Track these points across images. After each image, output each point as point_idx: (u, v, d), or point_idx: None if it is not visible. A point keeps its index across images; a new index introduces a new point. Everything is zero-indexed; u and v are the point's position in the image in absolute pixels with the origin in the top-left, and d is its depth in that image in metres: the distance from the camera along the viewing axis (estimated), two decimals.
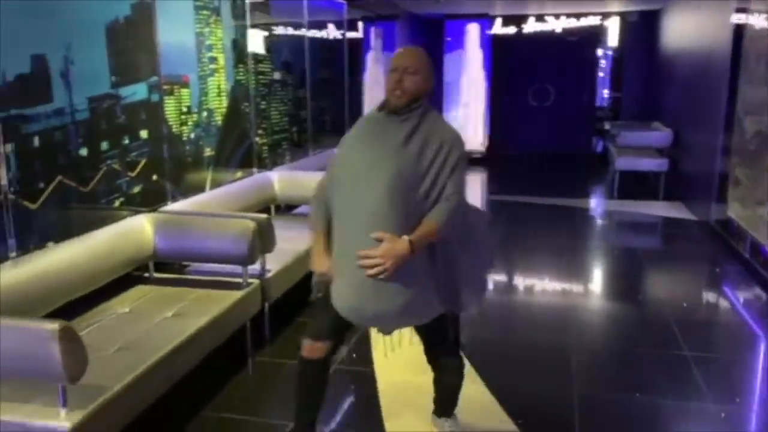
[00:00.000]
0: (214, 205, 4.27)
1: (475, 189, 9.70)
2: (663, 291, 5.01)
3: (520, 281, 5.22)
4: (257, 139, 5.19)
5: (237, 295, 3.40)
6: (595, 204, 8.30)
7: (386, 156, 2.19)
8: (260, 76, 5.19)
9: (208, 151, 4.42)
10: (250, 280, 3.56)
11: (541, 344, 3.81)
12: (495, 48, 11.17)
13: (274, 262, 3.82)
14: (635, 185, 8.60)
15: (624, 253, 6.00)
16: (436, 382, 2.67)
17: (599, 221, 7.47)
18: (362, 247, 2.15)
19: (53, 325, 2.12)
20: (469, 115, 11.22)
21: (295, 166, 5.79)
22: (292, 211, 5.39)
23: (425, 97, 2.29)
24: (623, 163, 8.28)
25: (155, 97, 3.79)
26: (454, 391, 2.67)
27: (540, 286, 5.11)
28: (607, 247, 6.31)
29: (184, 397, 3.03)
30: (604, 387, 3.30)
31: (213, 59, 4.45)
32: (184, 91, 4.11)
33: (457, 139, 2.27)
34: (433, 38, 11.13)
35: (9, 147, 2.77)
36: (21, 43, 2.82)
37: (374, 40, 10.77)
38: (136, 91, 3.63)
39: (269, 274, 3.72)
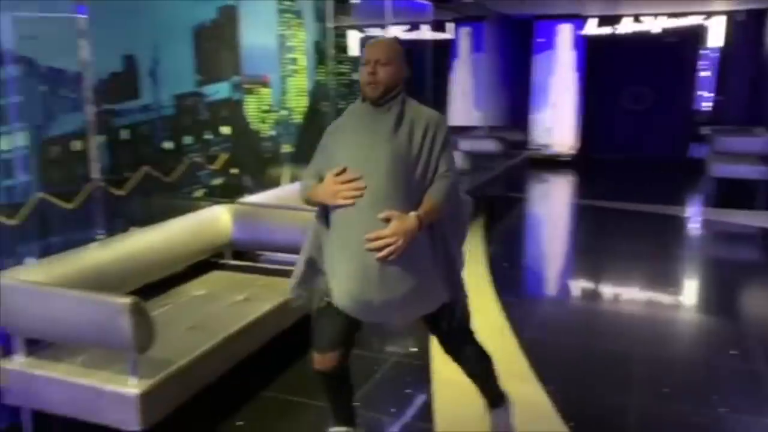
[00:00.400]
0: (290, 198, 4.46)
1: (563, 193, 9.51)
2: (753, 306, 4.74)
3: (604, 287, 5.09)
4: None
5: None
6: (690, 212, 7.92)
7: (380, 143, 2.22)
8: (340, 77, 5.37)
9: (286, 148, 4.63)
10: None
11: (610, 351, 3.73)
12: (588, 49, 10.87)
13: None
14: (733, 193, 8.13)
15: (716, 265, 5.71)
16: (467, 375, 2.62)
17: (693, 230, 7.13)
18: (369, 231, 2.15)
19: (125, 300, 2.34)
20: (557, 117, 11.00)
21: None
22: None
23: (401, 86, 2.31)
24: (720, 169, 7.85)
25: (237, 96, 4.03)
26: (487, 380, 2.62)
27: (623, 293, 4.96)
28: (698, 258, 6.02)
29: (247, 376, 3.21)
30: (667, 397, 3.20)
31: (294, 60, 4.66)
32: (265, 91, 4.33)
33: (441, 119, 2.32)
34: (522, 39, 10.99)
35: (101, 139, 3.06)
36: (113, 44, 3.11)
37: (462, 41, 10.80)
38: (219, 90, 3.88)
39: None
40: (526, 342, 3.73)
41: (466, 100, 10.89)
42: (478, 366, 2.57)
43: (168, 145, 3.50)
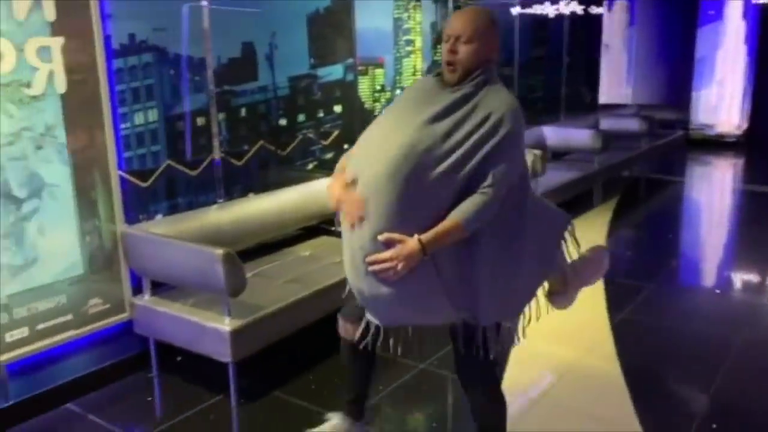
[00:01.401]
0: None
1: (724, 176, 8.80)
2: None
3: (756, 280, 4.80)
4: None
5: None
6: None
7: (406, 127, 1.85)
8: None
9: None
10: None
11: (714, 340, 3.58)
12: (762, 19, 9.84)
13: None
14: None
15: None
16: (471, 410, 2.19)
17: None
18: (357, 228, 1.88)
19: (219, 251, 2.76)
20: (722, 94, 10.12)
21: None
22: None
23: (487, 68, 1.91)
24: None
25: (350, 77, 4.37)
26: (488, 428, 2.17)
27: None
28: None
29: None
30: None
31: (410, 42, 4.90)
32: (379, 71, 4.62)
33: (510, 112, 1.84)
34: (685, 11, 10.21)
35: (221, 116, 3.54)
36: (233, 32, 3.56)
37: (617, 14, 10.28)
38: (333, 72, 4.23)
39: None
40: (618, 323, 3.70)
41: (617, 78, 10.40)
42: (484, 409, 2.15)
43: (282, 122, 3.92)
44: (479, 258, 1.88)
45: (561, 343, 3.44)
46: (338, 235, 4.10)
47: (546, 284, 2.18)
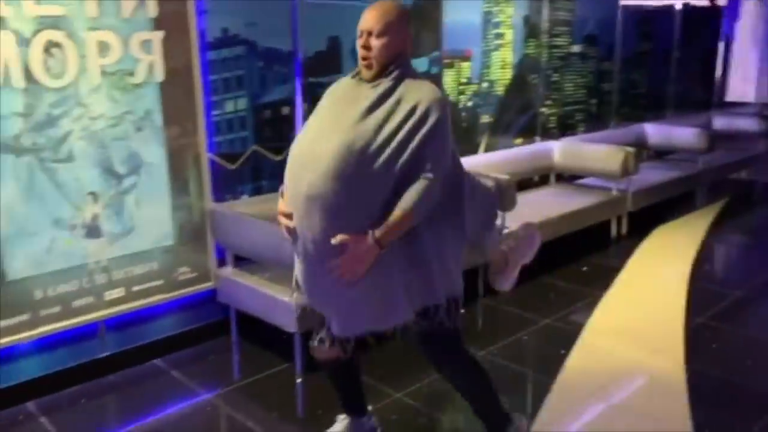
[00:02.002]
0: (484, 167, 4.79)
1: None
2: None
3: None
4: (544, 109, 5.49)
5: None
6: None
7: (337, 129, 1.86)
8: (554, 50, 5.45)
9: (485, 118, 4.95)
10: None
11: None
12: None
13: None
14: None
15: None
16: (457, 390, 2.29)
17: None
18: (303, 233, 1.91)
19: None
20: None
21: (588, 137, 5.88)
22: (575, 180, 5.56)
23: (401, 60, 1.93)
24: None
25: (435, 70, 4.48)
26: (478, 398, 2.26)
27: None
28: None
29: None
30: None
31: (499, 35, 4.92)
32: (465, 64, 4.70)
33: (436, 99, 1.87)
34: None
35: (306, 106, 3.78)
36: (320, 27, 3.78)
37: (747, 4, 9.58)
38: (417, 64, 4.35)
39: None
40: (695, 328, 3.58)
41: (744, 74, 9.71)
42: (464, 381, 2.22)
43: None
44: (428, 240, 1.94)
45: (629, 342, 3.40)
46: None
47: (489, 265, 2.32)
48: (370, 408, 2.59)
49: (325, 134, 1.88)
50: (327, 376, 2.41)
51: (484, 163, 4.84)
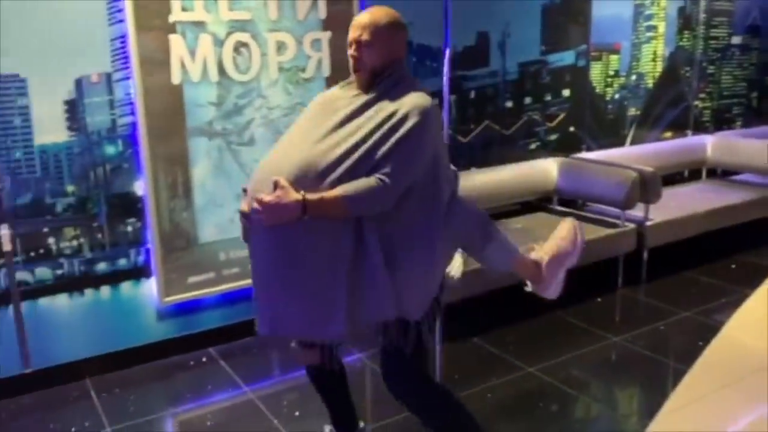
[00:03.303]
0: (629, 158, 4.77)
1: None
2: None
3: None
4: (697, 102, 5.33)
5: (608, 232, 3.99)
6: None
7: (304, 144, 1.81)
8: (711, 41, 5.27)
9: (632, 111, 4.93)
10: (627, 224, 4.07)
11: None
12: None
13: (659, 214, 4.19)
14: None
15: None
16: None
17: None
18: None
19: None
20: None
21: (747, 132, 5.60)
22: (729, 176, 5.34)
23: (392, 69, 1.87)
24: None
25: (581, 63, 4.55)
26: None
27: None
28: None
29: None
30: None
31: (652, 27, 4.87)
32: (613, 57, 4.71)
33: (415, 110, 1.78)
34: None
35: (452, 97, 4.04)
36: (470, 23, 4.02)
37: None
38: (564, 58, 4.47)
39: (649, 223, 4.12)
40: None
41: None
42: (430, 418, 2.05)
43: (509, 104, 4.29)
44: (376, 248, 1.79)
45: None
46: (554, 212, 4.38)
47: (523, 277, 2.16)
48: (362, 425, 2.44)
49: (291, 149, 1.83)
50: (314, 387, 2.29)
51: (629, 155, 4.83)
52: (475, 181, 4.12)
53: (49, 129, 2.93)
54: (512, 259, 2.09)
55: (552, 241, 2.18)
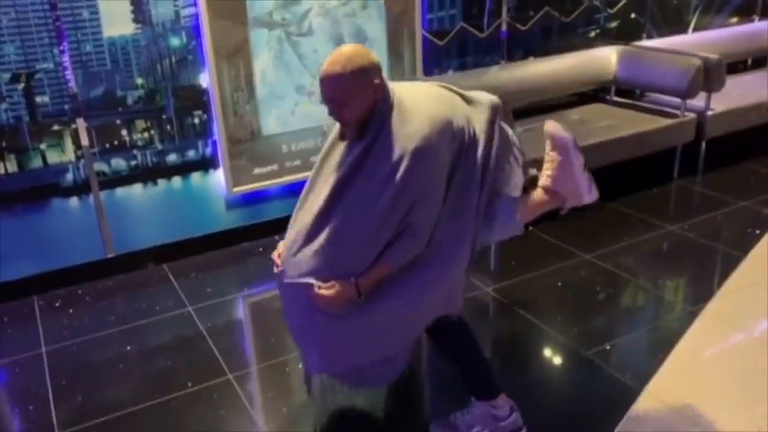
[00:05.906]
0: (692, 46, 4.59)
1: None
2: None
3: None
4: None
5: (667, 122, 3.93)
6: None
7: (325, 208, 1.87)
8: None
9: None
10: (687, 113, 3.99)
11: None
12: None
13: (721, 104, 4.09)
14: None
15: None
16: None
17: None
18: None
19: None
20: None
21: None
22: None
23: (379, 108, 1.80)
24: None
25: None
26: (463, 361, 2.10)
27: None
28: None
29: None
30: None
31: None
32: None
33: (413, 140, 1.76)
34: None
35: None
36: None
37: None
38: None
39: (710, 113, 4.04)
40: None
41: None
42: (449, 343, 2.10)
43: None
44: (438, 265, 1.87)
45: None
46: (611, 102, 4.30)
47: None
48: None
49: (317, 215, 1.89)
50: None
51: (692, 42, 4.65)
52: (532, 70, 4.05)
53: (116, 22, 2.96)
54: (523, 210, 2.01)
55: (546, 159, 2.08)
